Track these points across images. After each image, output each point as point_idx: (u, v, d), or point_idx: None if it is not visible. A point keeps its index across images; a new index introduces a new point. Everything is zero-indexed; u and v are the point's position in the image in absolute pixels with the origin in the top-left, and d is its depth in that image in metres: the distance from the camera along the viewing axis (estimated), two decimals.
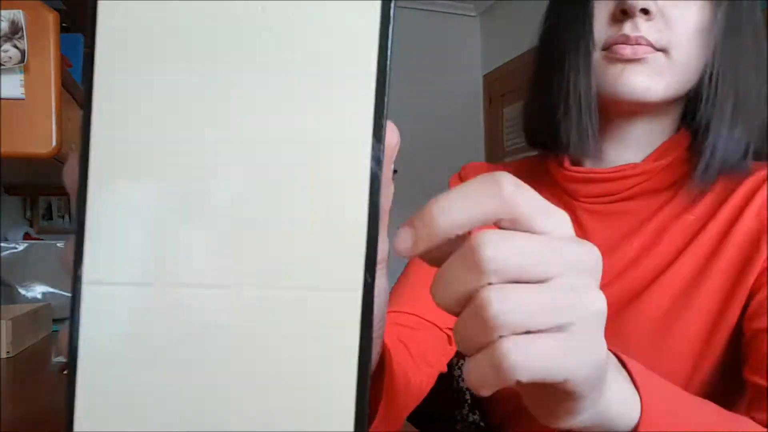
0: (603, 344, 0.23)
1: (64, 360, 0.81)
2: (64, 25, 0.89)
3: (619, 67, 0.49)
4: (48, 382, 0.74)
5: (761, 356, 0.44)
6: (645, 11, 0.48)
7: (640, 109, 0.51)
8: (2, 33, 0.69)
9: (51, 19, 0.73)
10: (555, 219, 0.23)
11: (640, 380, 0.29)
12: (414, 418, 0.87)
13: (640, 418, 0.29)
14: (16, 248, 1.18)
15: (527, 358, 0.21)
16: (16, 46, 0.70)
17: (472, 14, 3.60)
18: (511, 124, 3.52)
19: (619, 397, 0.28)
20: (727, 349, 0.48)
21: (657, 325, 0.50)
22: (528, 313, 0.21)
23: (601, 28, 0.50)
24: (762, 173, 0.50)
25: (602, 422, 0.27)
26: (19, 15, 0.70)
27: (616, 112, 0.53)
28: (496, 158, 3.49)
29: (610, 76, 0.50)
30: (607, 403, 0.27)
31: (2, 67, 0.70)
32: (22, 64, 0.70)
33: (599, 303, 0.23)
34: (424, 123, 3.46)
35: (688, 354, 0.49)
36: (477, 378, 0.22)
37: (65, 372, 0.18)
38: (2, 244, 1.17)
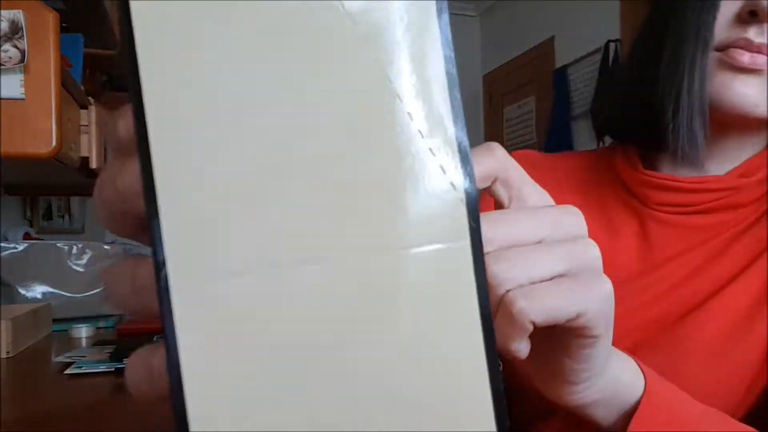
0: (607, 282, 0.24)
1: (64, 360, 0.81)
2: (64, 25, 0.89)
3: (729, 74, 0.44)
4: (48, 382, 0.74)
5: None
6: None
7: (739, 121, 0.46)
8: (2, 33, 0.69)
9: (51, 19, 0.73)
10: (539, 190, 0.24)
11: (645, 369, 0.31)
12: None
13: (643, 395, 0.29)
14: (16, 248, 1.18)
15: (535, 299, 0.22)
16: (16, 46, 0.70)
17: (472, 14, 3.60)
18: (510, 123, 3.52)
19: (625, 371, 0.29)
20: None
21: (715, 344, 0.46)
22: (526, 266, 0.22)
23: (721, 25, 0.44)
24: None
25: (608, 394, 0.28)
26: (19, 15, 0.70)
27: (712, 120, 0.46)
28: None
29: (718, 82, 0.44)
30: (614, 373, 0.28)
31: (2, 67, 0.70)
32: (22, 64, 0.70)
33: (593, 249, 0.24)
34: None
35: (743, 378, 0.45)
36: (499, 339, 0.22)
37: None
38: (2, 244, 1.17)
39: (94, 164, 0.99)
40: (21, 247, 1.19)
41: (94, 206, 0.20)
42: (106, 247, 1.27)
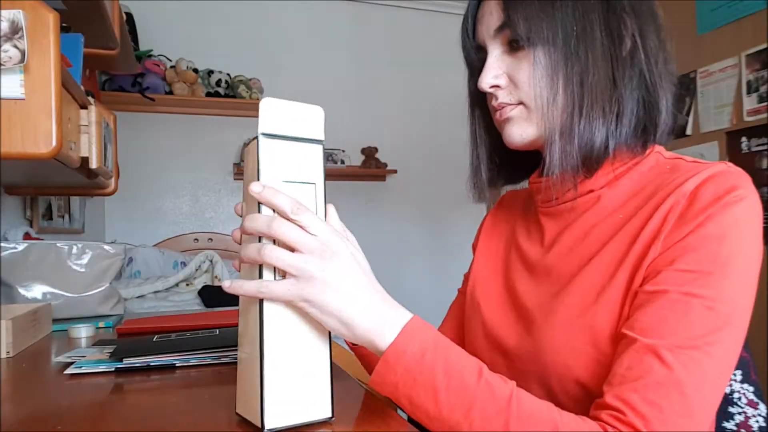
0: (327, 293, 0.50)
1: (64, 360, 0.80)
2: (64, 25, 0.89)
3: (503, 125, 0.68)
4: (48, 382, 0.74)
5: (613, 363, 0.54)
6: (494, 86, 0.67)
7: (529, 147, 0.68)
8: (2, 33, 0.69)
9: (51, 19, 0.73)
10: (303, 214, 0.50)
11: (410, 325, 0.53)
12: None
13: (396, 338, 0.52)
14: (16, 248, 1.18)
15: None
16: (16, 46, 0.70)
17: None
18: None
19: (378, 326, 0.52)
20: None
21: (575, 313, 0.61)
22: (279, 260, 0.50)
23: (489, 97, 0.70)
24: (687, 180, 0.58)
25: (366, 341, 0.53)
26: (19, 15, 0.70)
27: (526, 148, 0.69)
28: None
29: (503, 131, 0.69)
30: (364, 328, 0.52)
31: (2, 67, 0.70)
32: (22, 64, 0.70)
33: (317, 272, 0.50)
34: (424, 123, 3.45)
35: (593, 343, 0.58)
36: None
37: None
38: (2, 244, 1.17)
39: (94, 164, 0.99)
40: (21, 247, 1.19)
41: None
42: (106, 247, 1.27)
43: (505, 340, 0.69)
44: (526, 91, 0.64)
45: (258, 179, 0.50)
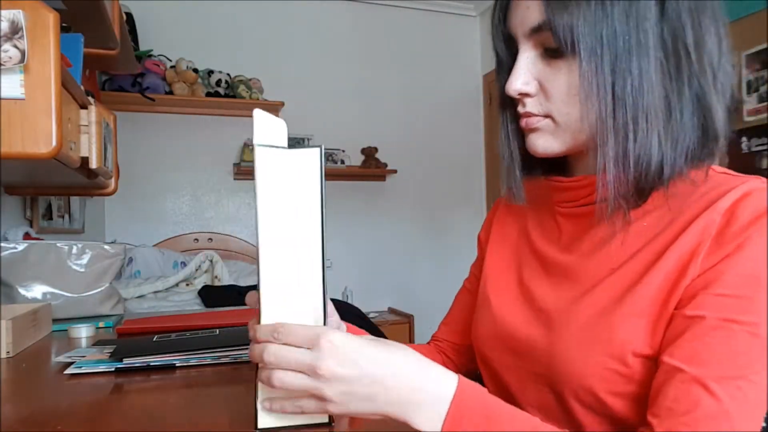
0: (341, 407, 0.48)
1: (64, 360, 0.80)
2: (64, 25, 0.89)
3: (528, 134, 0.63)
4: (48, 382, 0.74)
5: (656, 392, 0.51)
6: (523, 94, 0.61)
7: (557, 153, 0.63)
8: (2, 33, 0.69)
9: (51, 19, 0.73)
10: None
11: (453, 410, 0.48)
12: None
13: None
14: (16, 248, 1.18)
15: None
16: (16, 46, 0.70)
17: (472, 14, 3.60)
18: None
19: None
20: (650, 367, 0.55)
21: (594, 321, 0.58)
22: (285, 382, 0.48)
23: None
24: (722, 196, 0.54)
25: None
26: (19, 15, 0.70)
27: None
28: (495, 158, 3.49)
29: (526, 139, 0.64)
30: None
31: (2, 67, 0.69)
32: (22, 64, 0.70)
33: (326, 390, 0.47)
34: (424, 123, 3.45)
35: (612, 354, 0.55)
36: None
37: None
38: (2, 244, 1.17)
39: (94, 164, 0.99)
40: (21, 247, 1.19)
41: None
42: (106, 247, 1.27)
43: (518, 341, 0.66)
44: (558, 105, 0.58)
45: (321, 185, 0.51)
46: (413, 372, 0.48)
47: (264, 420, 0.51)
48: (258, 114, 0.50)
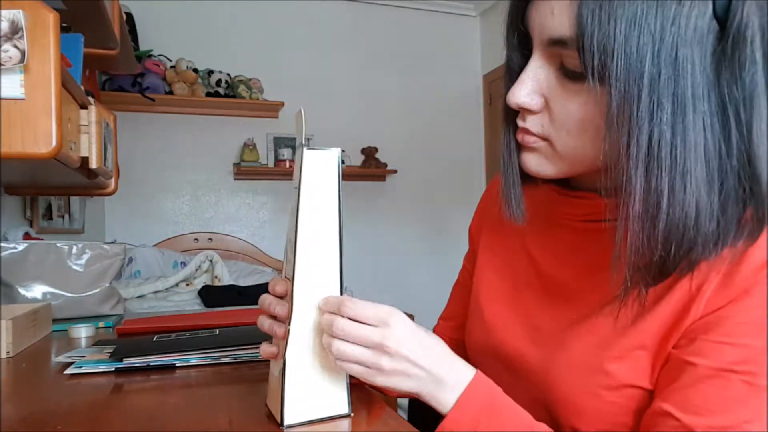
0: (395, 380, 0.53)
1: (64, 360, 0.80)
2: (64, 25, 0.89)
3: (523, 150, 0.57)
4: (48, 382, 0.74)
5: None
6: (525, 109, 0.53)
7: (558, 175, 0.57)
8: (2, 33, 0.69)
9: (51, 19, 0.73)
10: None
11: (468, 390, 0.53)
12: (415, 416, 0.87)
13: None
14: (16, 248, 1.18)
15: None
16: (16, 46, 0.70)
17: (472, 14, 3.60)
18: None
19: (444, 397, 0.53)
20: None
21: (593, 352, 0.56)
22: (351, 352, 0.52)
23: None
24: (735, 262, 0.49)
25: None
26: (19, 15, 0.70)
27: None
28: (495, 158, 3.48)
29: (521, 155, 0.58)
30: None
31: (2, 67, 0.69)
32: (22, 64, 0.70)
33: (385, 363, 0.52)
34: (424, 123, 3.45)
35: (608, 387, 0.54)
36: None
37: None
38: (2, 244, 1.17)
39: (94, 164, 0.99)
40: (21, 247, 1.19)
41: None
42: (106, 247, 1.27)
43: (510, 357, 0.65)
44: (562, 134, 0.52)
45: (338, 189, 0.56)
46: (446, 362, 0.54)
47: (290, 416, 0.53)
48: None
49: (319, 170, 0.54)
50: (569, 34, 0.46)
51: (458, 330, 0.82)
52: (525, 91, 0.52)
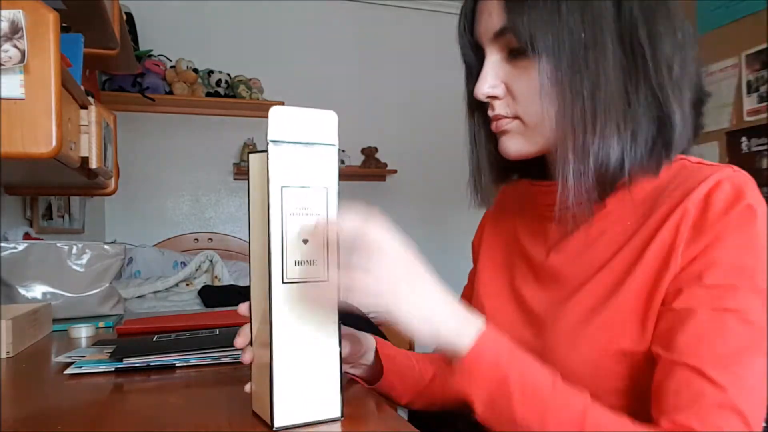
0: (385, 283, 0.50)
1: (64, 360, 0.81)
2: (64, 25, 0.89)
3: (500, 136, 0.65)
4: (48, 382, 0.74)
5: (657, 389, 0.52)
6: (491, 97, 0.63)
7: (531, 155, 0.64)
8: (2, 33, 0.69)
9: (51, 19, 0.73)
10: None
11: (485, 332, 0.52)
12: (415, 416, 0.87)
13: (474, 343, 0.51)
14: (16, 248, 1.18)
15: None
16: (16, 46, 0.70)
17: None
18: None
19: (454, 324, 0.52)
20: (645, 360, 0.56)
21: (582, 321, 0.59)
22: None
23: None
24: (696, 187, 0.55)
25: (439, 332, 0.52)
26: (19, 15, 0.70)
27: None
28: None
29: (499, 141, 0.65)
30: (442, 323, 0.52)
31: (2, 67, 0.69)
32: (22, 64, 0.70)
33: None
34: (424, 123, 3.45)
35: (601, 352, 0.57)
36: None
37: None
38: (2, 244, 1.17)
39: (94, 164, 0.99)
40: (21, 247, 1.19)
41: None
42: (106, 247, 1.27)
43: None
44: (525, 105, 0.60)
45: (268, 186, 0.50)
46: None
47: (280, 419, 0.51)
48: (274, 111, 0.51)
49: (259, 171, 0.53)
50: (504, 23, 0.59)
51: None
52: (489, 83, 0.62)
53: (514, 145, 0.63)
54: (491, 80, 0.62)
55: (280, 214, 0.51)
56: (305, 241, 0.52)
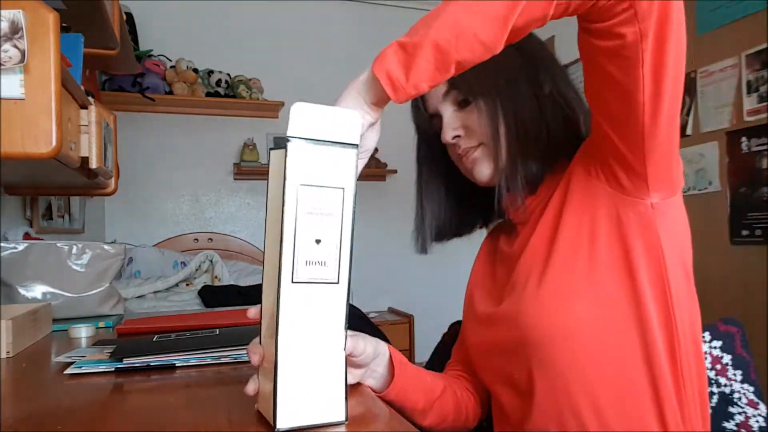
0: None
1: (64, 360, 0.80)
2: (64, 25, 0.89)
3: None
4: (48, 382, 0.74)
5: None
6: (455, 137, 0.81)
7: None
8: (2, 33, 0.69)
9: (51, 19, 0.73)
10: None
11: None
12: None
13: None
14: (16, 248, 1.18)
15: None
16: (16, 46, 0.70)
17: None
18: None
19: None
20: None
21: (534, 282, 0.75)
22: None
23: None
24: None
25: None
26: (19, 15, 0.70)
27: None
28: None
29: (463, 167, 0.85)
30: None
31: (2, 67, 0.70)
32: (22, 64, 0.70)
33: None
34: None
35: (597, 303, 0.71)
36: None
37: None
38: (2, 244, 1.17)
39: (94, 164, 0.99)
40: (21, 247, 1.19)
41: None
42: (106, 247, 1.27)
43: (493, 321, 0.80)
44: (480, 133, 0.79)
45: (284, 183, 0.49)
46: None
47: (283, 420, 0.51)
48: (297, 107, 0.50)
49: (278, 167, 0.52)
50: (448, 86, 0.80)
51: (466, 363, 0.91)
52: (452, 128, 0.81)
53: (485, 170, 0.81)
54: (453, 125, 0.81)
55: (294, 211, 0.49)
56: (318, 242, 0.51)
